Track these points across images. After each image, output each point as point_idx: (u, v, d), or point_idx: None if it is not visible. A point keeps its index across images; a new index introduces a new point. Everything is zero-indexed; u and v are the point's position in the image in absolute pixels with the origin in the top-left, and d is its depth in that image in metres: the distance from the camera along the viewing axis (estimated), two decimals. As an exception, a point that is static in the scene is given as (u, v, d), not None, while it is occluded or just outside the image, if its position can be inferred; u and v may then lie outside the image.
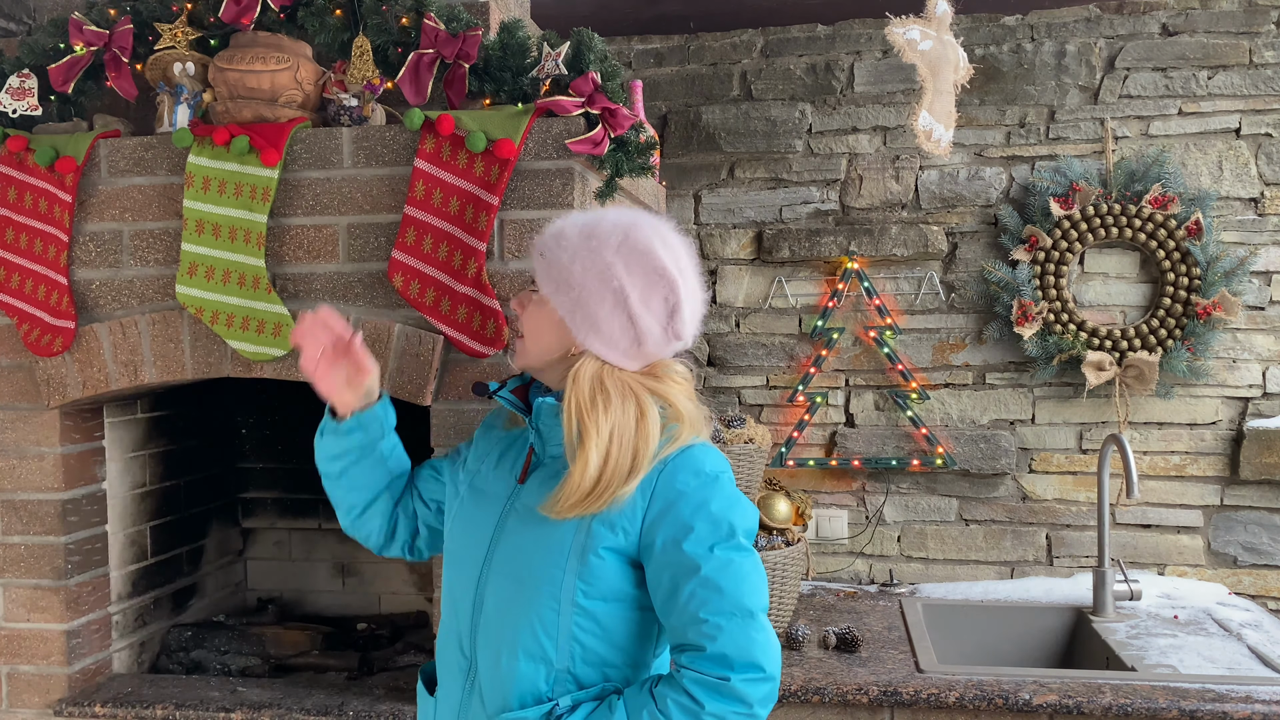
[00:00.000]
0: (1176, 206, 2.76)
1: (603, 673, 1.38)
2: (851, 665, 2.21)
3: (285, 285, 2.03)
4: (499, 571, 1.40)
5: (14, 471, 2.15)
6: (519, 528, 1.40)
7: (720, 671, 1.27)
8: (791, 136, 3.00)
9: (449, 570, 1.49)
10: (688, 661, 1.30)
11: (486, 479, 1.49)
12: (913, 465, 2.92)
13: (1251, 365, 2.83)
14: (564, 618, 1.34)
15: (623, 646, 1.39)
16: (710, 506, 1.33)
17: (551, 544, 1.36)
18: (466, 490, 1.51)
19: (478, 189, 1.91)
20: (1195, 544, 2.86)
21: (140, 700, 2.12)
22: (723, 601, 1.29)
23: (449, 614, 1.48)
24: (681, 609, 1.30)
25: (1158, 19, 2.86)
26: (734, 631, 1.28)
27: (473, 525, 1.46)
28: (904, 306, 2.97)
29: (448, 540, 1.52)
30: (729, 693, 1.27)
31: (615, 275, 1.36)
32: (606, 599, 1.36)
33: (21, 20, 2.63)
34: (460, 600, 1.45)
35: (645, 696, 1.31)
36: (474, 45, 1.93)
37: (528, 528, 1.39)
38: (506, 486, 1.46)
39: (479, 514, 1.46)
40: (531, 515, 1.38)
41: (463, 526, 1.49)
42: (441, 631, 1.51)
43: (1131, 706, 1.97)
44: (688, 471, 1.35)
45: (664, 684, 1.31)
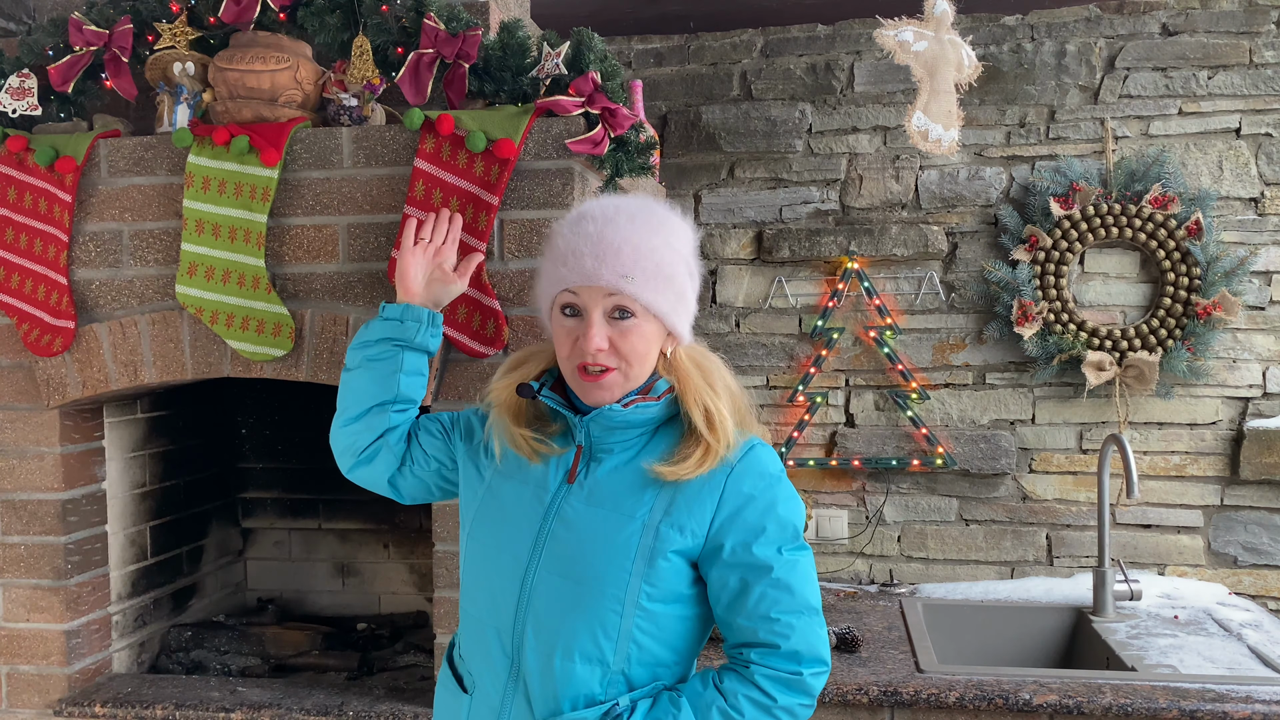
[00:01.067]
0: (1176, 206, 2.76)
1: (654, 673, 1.38)
2: (851, 665, 2.21)
3: (285, 285, 2.03)
4: (552, 570, 1.36)
5: (14, 471, 2.15)
6: (574, 527, 1.37)
7: (793, 667, 1.32)
8: (791, 136, 3.00)
9: (479, 563, 1.44)
10: (758, 658, 1.33)
11: (524, 472, 1.43)
12: (913, 465, 2.92)
13: (1251, 365, 2.83)
14: (625, 620, 1.34)
15: (676, 647, 1.39)
16: (778, 509, 1.36)
17: (616, 546, 1.34)
18: (495, 478, 1.45)
19: (478, 189, 1.91)
20: (1195, 544, 2.86)
21: (140, 700, 2.12)
22: (793, 601, 1.33)
23: (482, 608, 1.42)
24: (752, 610, 1.33)
25: (1158, 19, 2.86)
26: (804, 629, 1.33)
27: (511, 519, 1.41)
28: (904, 306, 2.97)
29: (475, 529, 1.45)
30: (799, 687, 1.32)
31: (687, 258, 1.41)
32: (667, 600, 1.36)
33: (21, 20, 2.63)
34: (500, 596, 1.39)
35: (712, 693, 1.33)
36: (474, 45, 1.93)
37: (585, 528, 1.36)
38: (550, 483, 1.40)
39: (518, 508, 1.41)
40: (589, 515, 1.37)
41: (496, 518, 1.43)
42: (469, 625, 1.45)
43: (1131, 706, 1.97)
44: (754, 474, 1.37)
45: (731, 680, 1.34)
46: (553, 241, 1.40)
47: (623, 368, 1.35)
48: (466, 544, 1.47)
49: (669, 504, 1.35)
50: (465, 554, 1.48)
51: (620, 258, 1.32)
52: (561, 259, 1.36)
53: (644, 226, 1.36)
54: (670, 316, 1.37)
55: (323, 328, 2.01)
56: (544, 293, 1.41)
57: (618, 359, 1.34)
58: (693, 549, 1.35)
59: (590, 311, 1.34)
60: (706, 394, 1.37)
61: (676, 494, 1.35)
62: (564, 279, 1.35)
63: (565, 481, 1.39)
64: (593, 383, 1.35)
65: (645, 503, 1.35)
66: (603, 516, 1.36)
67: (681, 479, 1.34)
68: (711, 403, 1.36)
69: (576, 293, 1.34)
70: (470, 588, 1.45)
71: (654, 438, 1.40)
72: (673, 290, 1.37)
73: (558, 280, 1.36)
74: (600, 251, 1.33)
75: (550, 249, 1.40)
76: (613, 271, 1.32)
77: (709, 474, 1.34)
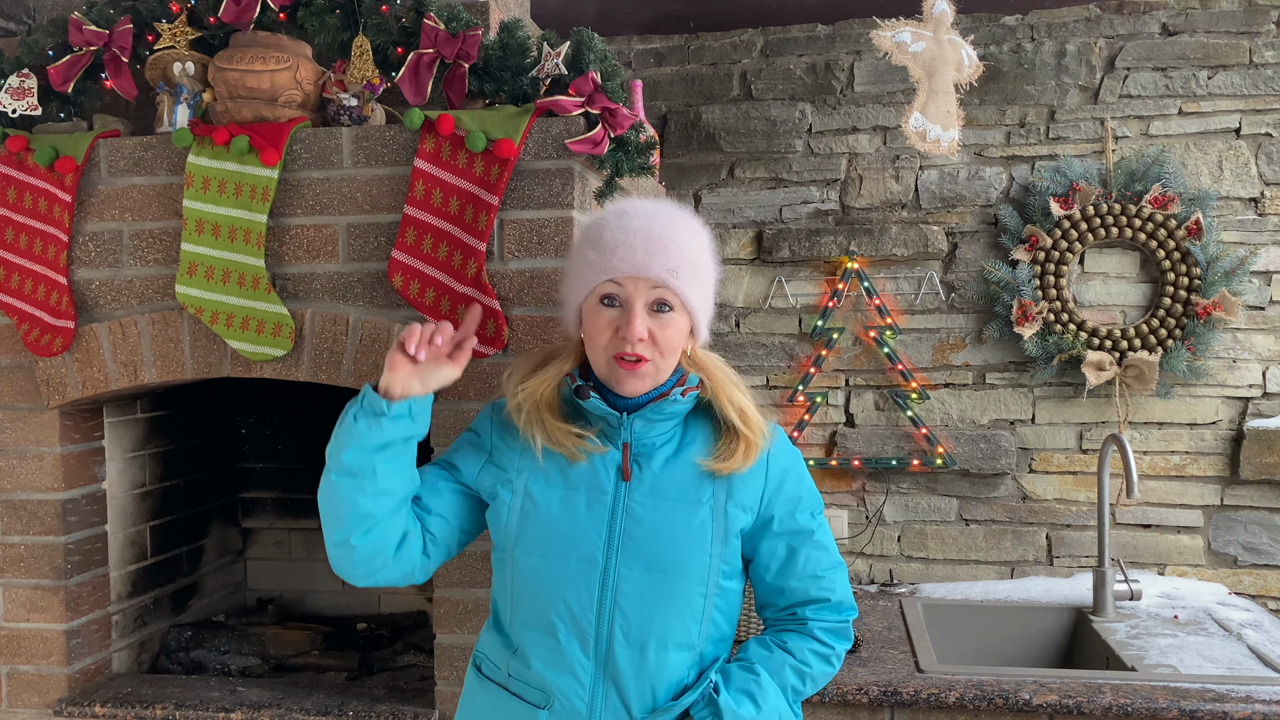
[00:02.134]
0: (1176, 206, 2.76)
1: (719, 648, 1.49)
2: (851, 665, 2.21)
3: (285, 285, 2.03)
4: (634, 566, 1.40)
5: (14, 471, 2.15)
6: (646, 521, 1.41)
7: (842, 616, 1.50)
8: (791, 136, 3.00)
9: (540, 573, 1.41)
10: (813, 614, 1.48)
11: (566, 475, 1.43)
12: (913, 465, 2.92)
13: (1251, 365, 2.83)
14: (708, 601, 1.44)
15: (734, 620, 1.52)
16: (806, 480, 1.54)
17: (693, 532, 1.42)
18: (532, 485, 1.44)
19: (477, 189, 1.91)
20: (1195, 544, 2.86)
21: (140, 700, 2.12)
22: (828, 557, 1.51)
23: (555, 617, 1.40)
24: (801, 571, 1.48)
25: (1158, 19, 2.86)
26: (840, 580, 1.51)
27: (571, 523, 1.41)
28: (904, 306, 2.97)
29: (523, 541, 1.43)
30: (845, 632, 1.51)
31: (715, 263, 1.50)
32: (734, 577, 1.48)
33: (21, 20, 2.63)
34: (578, 601, 1.39)
35: (780, 654, 1.47)
36: (474, 45, 1.93)
37: (659, 520, 1.42)
38: (605, 483, 1.42)
39: (574, 512, 1.41)
40: (658, 508, 1.42)
41: (548, 526, 1.42)
42: (534, 638, 1.42)
43: (1131, 706, 1.97)
44: (785, 452, 1.53)
45: (794, 639, 1.48)
46: (596, 234, 1.44)
47: (656, 359, 1.41)
48: (515, 557, 1.43)
49: (729, 488, 1.45)
50: (515, 567, 1.43)
51: (669, 253, 1.40)
52: (610, 249, 1.40)
53: (684, 227, 1.45)
54: (700, 314, 1.46)
55: (323, 328, 2.01)
56: (582, 283, 1.44)
57: (654, 350, 1.41)
58: (749, 525, 1.48)
59: (634, 302, 1.40)
60: (735, 391, 1.48)
61: (732, 478, 1.45)
62: (612, 269, 1.40)
63: (621, 479, 1.43)
64: (630, 371, 1.40)
65: (706, 489, 1.44)
66: (671, 507, 1.42)
67: (734, 471, 1.45)
68: (742, 400, 1.48)
69: (621, 283, 1.40)
70: (532, 600, 1.42)
71: (686, 428, 1.49)
72: (706, 290, 1.46)
73: (604, 270, 1.41)
74: (650, 245, 1.39)
75: (592, 241, 1.44)
76: (661, 265, 1.39)
77: None
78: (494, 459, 1.49)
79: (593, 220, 1.49)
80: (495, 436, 1.51)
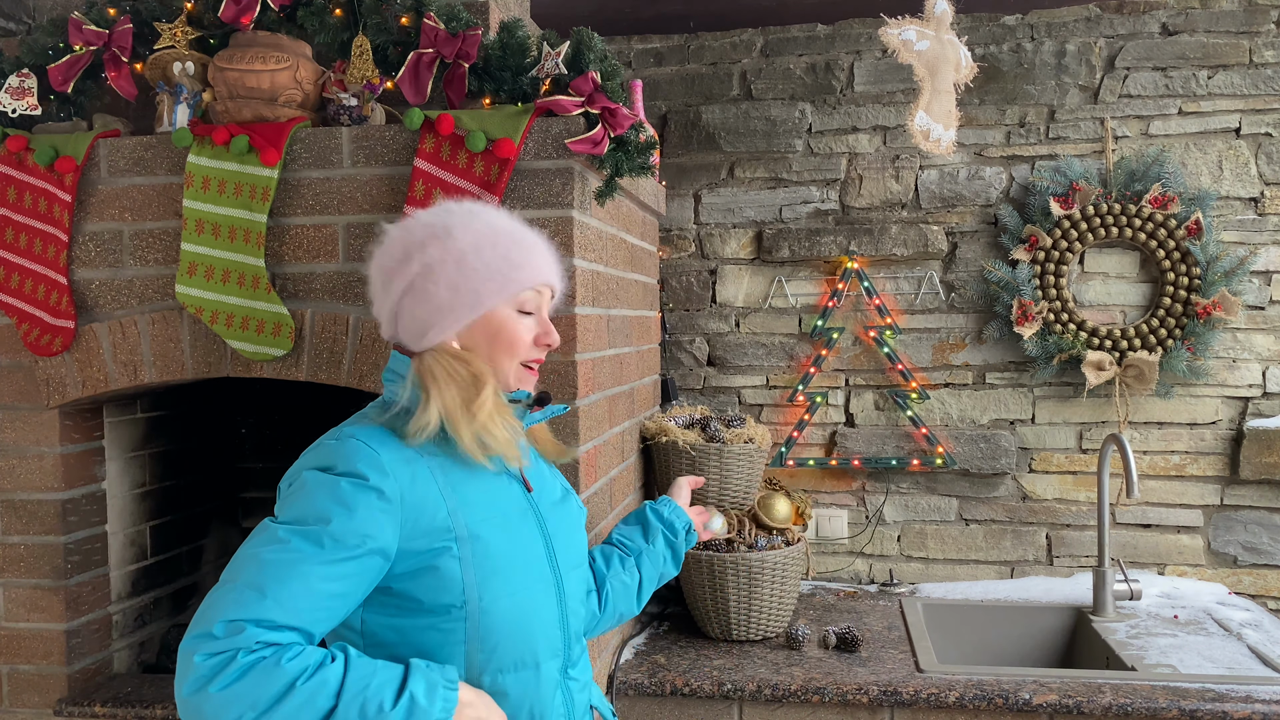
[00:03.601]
0: (1176, 206, 2.76)
1: None
2: (851, 665, 2.21)
3: (285, 285, 2.03)
4: (569, 566, 1.43)
5: (14, 471, 2.15)
6: (561, 525, 1.44)
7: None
8: (791, 136, 3.00)
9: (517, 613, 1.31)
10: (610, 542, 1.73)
11: (497, 503, 1.34)
12: (913, 465, 2.92)
13: (1251, 365, 2.83)
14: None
15: None
16: None
17: (580, 520, 1.51)
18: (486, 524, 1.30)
19: (477, 189, 1.91)
20: (1195, 544, 2.86)
21: (140, 700, 2.12)
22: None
23: (541, 651, 1.34)
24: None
25: (1158, 18, 2.86)
26: None
27: (527, 550, 1.35)
28: (904, 306, 2.97)
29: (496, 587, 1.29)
30: None
31: None
32: None
33: (21, 20, 2.63)
34: (552, 625, 1.36)
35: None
36: (474, 45, 1.93)
37: (566, 519, 1.47)
38: (521, 499, 1.38)
39: (522, 538, 1.35)
40: (560, 508, 1.46)
41: (512, 560, 1.32)
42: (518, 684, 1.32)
43: (1131, 706, 1.97)
44: None
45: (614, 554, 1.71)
46: (508, 237, 1.35)
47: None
48: (484, 607, 1.28)
49: (560, 476, 1.54)
50: (486, 616, 1.29)
51: (559, 262, 1.44)
52: (525, 256, 1.35)
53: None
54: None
55: (323, 327, 2.01)
56: (501, 286, 1.33)
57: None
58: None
59: (543, 309, 1.40)
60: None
61: (554, 466, 1.55)
62: (537, 274, 1.36)
63: (526, 491, 1.39)
64: (533, 375, 1.42)
65: (563, 481, 1.53)
66: (563, 505, 1.47)
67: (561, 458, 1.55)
68: None
69: (541, 290, 1.38)
70: (510, 642, 1.31)
71: None
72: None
73: (531, 275, 1.35)
74: (550, 254, 1.40)
75: (506, 243, 1.34)
76: (561, 274, 1.43)
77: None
78: (415, 515, 1.25)
79: (484, 221, 1.36)
80: (404, 483, 1.25)
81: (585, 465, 1.99)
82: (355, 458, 1.24)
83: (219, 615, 1.13)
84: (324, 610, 1.18)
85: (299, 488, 1.23)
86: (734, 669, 2.21)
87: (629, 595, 1.65)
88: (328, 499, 1.20)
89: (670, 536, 1.71)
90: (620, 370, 2.34)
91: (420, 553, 1.25)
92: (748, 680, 2.13)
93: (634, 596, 1.66)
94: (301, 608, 1.16)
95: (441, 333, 1.32)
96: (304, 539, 1.17)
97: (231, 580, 1.17)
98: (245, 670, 1.10)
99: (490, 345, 1.34)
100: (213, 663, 1.11)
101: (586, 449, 2.00)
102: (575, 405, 1.94)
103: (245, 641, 1.12)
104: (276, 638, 1.14)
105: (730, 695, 2.12)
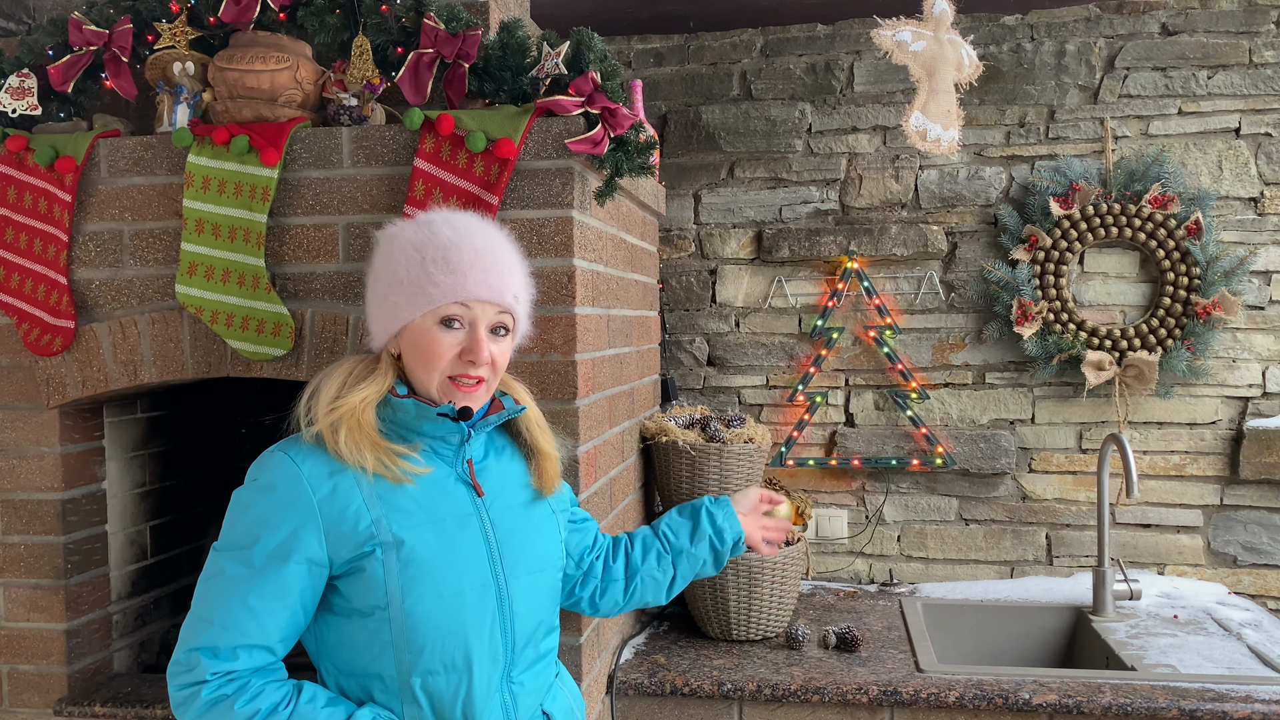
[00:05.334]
0: (1176, 206, 2.76)
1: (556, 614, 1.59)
2: (851, 665, 2.21)
3: (285, 285, 2.03)
4: (519, 572, 1.41)
5: (14, 471, 2.15)
6: (515, 530, 1.43)
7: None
8: (791, 136, 3.00)
9: (442, 615, 1.33)
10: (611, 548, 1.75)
11: (426, 507, 1.35)
12: (913, 465, 2.92)
13: (1251, 365, 2.83)
14: (561, 582, 1.54)
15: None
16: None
17: (547, 527, 1.50)
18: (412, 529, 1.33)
19: (477, 189, 1.91)
20: (1195, 544, 2.86)
21: (140, 700, 2.12)
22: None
23: (473, 652, 1.35)
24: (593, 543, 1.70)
25: (1157, 19, 2.86)
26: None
27: (459, 554, 1.36)
28: (904, 306, 2.97)
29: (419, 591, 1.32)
30: None
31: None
32: (564, 556, 1.58)
33: (21, 20, 2.63)
34: (487, 627, 1.36)
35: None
36: (474, 45, 1.93)
37: (525, 526, 1.46)
38: (464, 503, 1.38)
39: (457, 542, 1.36)
40: (519, 515, 1.46)
41: (439, 564, 1.34)
42: (445, 686, 1.33)
43: (1131, 706, 1.97)
44: None
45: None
46: (441, 250, 1.36)
47: (490, 378, 1.41)
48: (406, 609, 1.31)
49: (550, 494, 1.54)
50: (409, 618, 1.31)
51: (515, 277, 1.42)
52: (463, 270, 1.35)
53: (516, 251, 1.45)
54: (523, 336, 1.49)
55: (323, 327, 2.01)
56: (419, 300, 1.35)
57: (491, 371, 1.41)
58: (566, 517, 1.61)
59: (479, 324, 1.38)
60: (534, 406, 1.55)
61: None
62: (465, 291, 1.36)
63: (475, 495, 1.41)
64: (467, 393, 1.39)
65: (535, 493, 1.51)
66: (524, 510, 1.47)
67: (551, 493, 1.52)
68: (539, 413, 1.55)
69: (470, 306, 1.37)
70: (436, 644, 1.33)
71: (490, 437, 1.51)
72: (528, 312, 1.48)
73: (454, 291, 1.35)
74: (500, 268, 1.39)
75: (436, 257, 1.35)
76: (510, 290, 1.40)
77: None
78: (336, 525, 1.30)
79: (426, 232, 1.38)
80: (322, 495, 1.31)
81: (585, 465, 1.99)
82: (275, 472, 1.33)
83: (183, 644, 1.28)
84: (272, 625, 1.28)
85: (231, 508, 1.35)
86: (734, 669, 2.21)
87: (659, 589, 1.68)
88: (251, 519, 1.31)
89: (717, 544, 1.70)
90: (620, 370, 2.34)
91: (348, 559, 1.31)
92: (748, 680, 2.13)
93: (664, 591, 1.69)
94: (249, 629, 1.27)
95: (379, 338, 1.41)
96: (236, 563, 1.29)
97: (192, 610, 1.30)
98: (205, 709, 1.25)
99: (410, 356, 1.39)
100: (183, 694, 1.27)
101: (586, 449, 2.00)
102: (575, 405, 1.94)
103: (202, 674, 1.25)
104: (231, 665, 1.26)
105: (730, 695, 2.12)
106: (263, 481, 1.33)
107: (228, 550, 1.31)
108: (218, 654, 1.26)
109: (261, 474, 1.34)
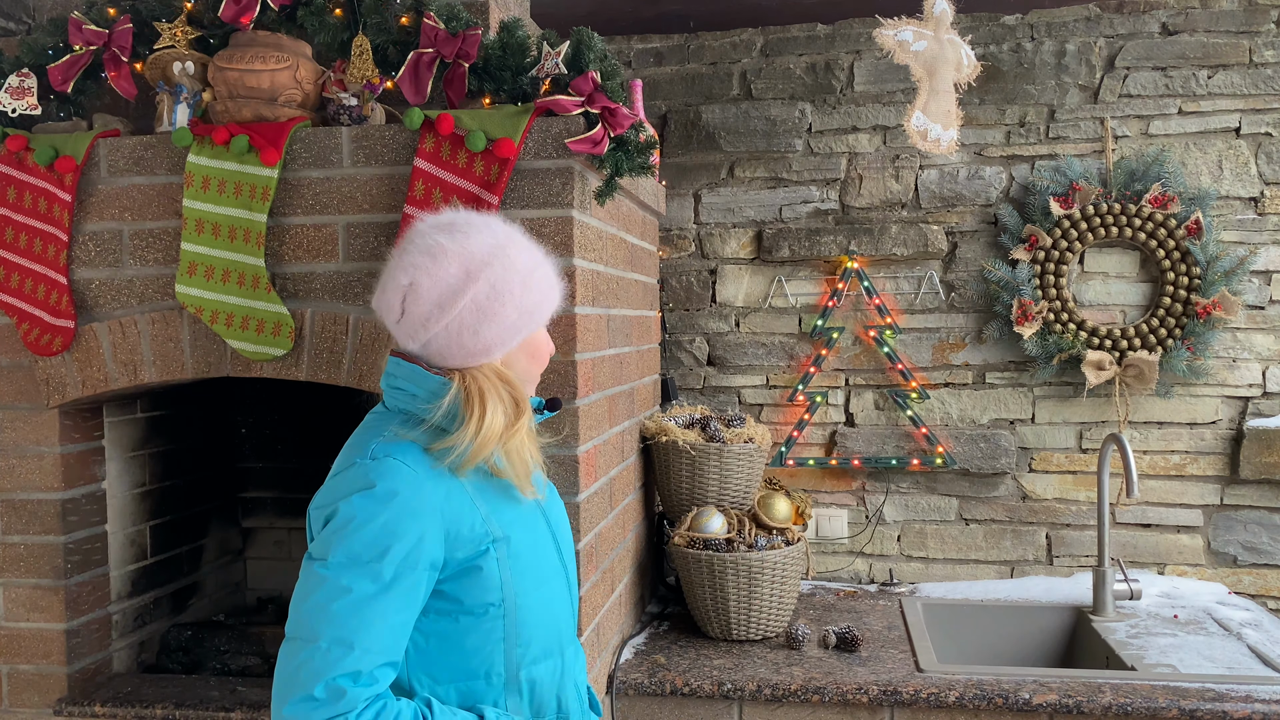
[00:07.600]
0: (1176, 206, 2.76)
1: None
2: (851, 665, 2.21)
3: (285, 285, 2.03)
4: (571, 553, 1.50)
5: (14, 471, 2.15)
6: (558, 518, 1.49)
7: None
8: (791, 136, 3.00)
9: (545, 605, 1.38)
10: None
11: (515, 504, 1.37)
12: (913, 465, 2.92)
13: (1251, 365, 2.83)
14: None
15: None
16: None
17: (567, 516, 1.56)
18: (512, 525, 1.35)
19: (477, 188, 1.91)
20: (1195, 543, 2.86)
21: (140, 700, 2.12)
22: None
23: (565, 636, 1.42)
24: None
25: (1158, 18, 2.86)
26: None
27: (545, 547, 1.41)
28: (904, 306, 2.97)
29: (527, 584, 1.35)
30: None
31: None
32: None
33: (21, 20, 2.63)
34: (569, 612, 1.46)
35: None
36: (473, 44, 1.93)
37: (561, 514, 1.51)
38: (533, 507, 1.41)
39: (540, 536, 1.41)
40: (553, 503, 1.50)
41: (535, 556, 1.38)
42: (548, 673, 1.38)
43: (1131, 706, 1.97)
44: None
45: None
46: (546, 262, 1.40)
47: None
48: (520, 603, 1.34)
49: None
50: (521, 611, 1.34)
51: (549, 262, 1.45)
52: (554, 283, 1.41)
53: None
54: None
55: (322, 327, 2.01)
56: (548, 308, 1.40)
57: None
58: None
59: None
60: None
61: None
62: (559, 299, 1.42)
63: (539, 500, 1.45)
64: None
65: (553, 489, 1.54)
66: (555, 500, 1.51)
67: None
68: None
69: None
70: (544, 632, 1.37)
71: None
72: None
73: (556, 301, 1.42)
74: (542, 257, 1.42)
75: (549, 269, 1.40)
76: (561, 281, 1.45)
77: None
78: (455, 526, 1.29)
79: (525, 244, 1.40)
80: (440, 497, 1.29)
81: (585, 465, 1.99)
82: (392, 478, 1.24)
83: (316, 676, 1.16)
84: (403, 636, 1.24)
85: (345, 522, 1.23)
86: (734, 668, 2.21)
87: None
88: (375, 530, 1.22)
89: None
90: (620, 370, 2.34)
91: (463, 559, 1.29)
92: (748, 680, 2.13)
93: None
94: (387, 644, 1.21)
95: (502, 351, 1.35)
96: (365, 578, 1.20)
97: (311, 639, 1.19)
98: None
99: (529, 361, 1.41)
100: None
101: (586, 448, 2.00)
102: (575, 405, 1.94)
103: (353, 703, 1.16)
104: (374, 689, 1.19)
105: (730, 695, 2.12)
106: (381, 489, 1.23)
107: (350, 566, 1.20)
108: (360, 679, 1.18)
109: (379, 481, 1.24)
